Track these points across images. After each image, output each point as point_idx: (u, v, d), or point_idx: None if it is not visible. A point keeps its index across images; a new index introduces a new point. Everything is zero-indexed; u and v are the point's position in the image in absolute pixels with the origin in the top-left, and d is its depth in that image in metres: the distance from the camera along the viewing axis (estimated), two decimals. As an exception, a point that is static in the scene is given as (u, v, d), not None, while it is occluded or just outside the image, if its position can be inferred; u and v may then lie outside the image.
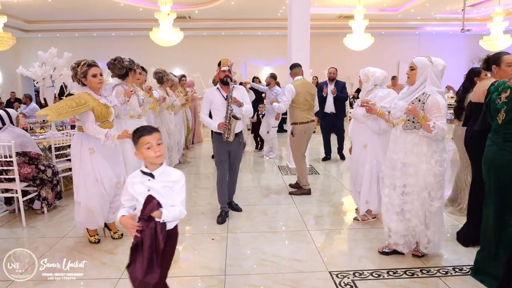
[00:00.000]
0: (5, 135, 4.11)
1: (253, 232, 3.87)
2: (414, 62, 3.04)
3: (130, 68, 4.14)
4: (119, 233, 3.72)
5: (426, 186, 2.98)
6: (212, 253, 3.42)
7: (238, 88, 4.24)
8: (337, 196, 5.12)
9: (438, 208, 3.03)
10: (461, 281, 2.85)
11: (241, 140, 4.26)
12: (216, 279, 2.95)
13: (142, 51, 15.06)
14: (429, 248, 3.14)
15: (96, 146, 3.42)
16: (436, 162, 2.96)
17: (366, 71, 3.84)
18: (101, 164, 3.46)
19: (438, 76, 2.99)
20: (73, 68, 3.46)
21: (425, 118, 2.85)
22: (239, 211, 4.42)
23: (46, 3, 11.41)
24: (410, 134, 3.01)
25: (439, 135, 2.86)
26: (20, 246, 3.65)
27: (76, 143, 3.49)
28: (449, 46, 16.95)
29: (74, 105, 3.23)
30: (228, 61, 4.12)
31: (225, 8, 12.36)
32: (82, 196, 3.48)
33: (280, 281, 2.89)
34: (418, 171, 2.98)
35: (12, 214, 4.50)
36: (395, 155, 3.10)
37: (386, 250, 3.29)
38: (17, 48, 14.19)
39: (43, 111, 3.24)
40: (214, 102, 4.11)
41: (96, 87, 3.46)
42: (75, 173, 3.52)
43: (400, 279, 2.91)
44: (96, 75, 3.43)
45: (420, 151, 2.97)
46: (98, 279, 2.97)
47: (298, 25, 6.10)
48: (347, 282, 2.86)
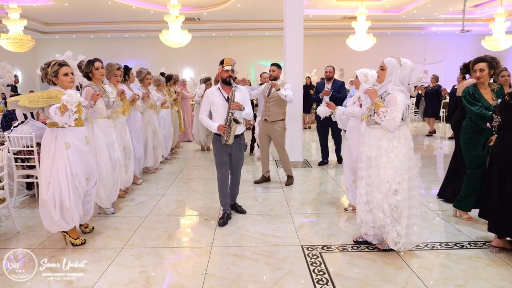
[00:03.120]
0: (27, 127, 4.71)
1: (242, 214, 4.36)
2: (384, 63, 3.24)
3: (87, 71, 4.16)
4: (90, 227, 3.84)
5: (387, 179, 3.15)
6: (203, 230, 3.94)
7: (239, 89, 4.04)
8: (323, 186, 5.59)
9: (400, 201, 3.13)
10: (421, 252, 3.30)
11: (242, 141, 4.13)
12: (203, 250, 3.46)
13: (153, 52, 15.76)
14: (399, 245, 3.20)
15: (72, 141, 3.40)
16: (396, 156, 3.14)
17: (365, 72, 3.84)
18: (77, 159, 3.43)
19: (406, 78, 3.19)
20: (43, 68, 3.48)
21: (379, 104, 3.13)
22: (243, 213, 4.34)
23: (63, 6, 12.13)
24: (374, 129, 3.26)
25: (390, 124, 3.08)
26: (40, 223, 4.18)
27: (49, 139, 3.40)
28: (455, 45, 17.14)
29: (45, 96, 3.27)
30: (232, 60, 3.95)
31: (232, 10, 12.90)
32: (56, 192, 3.36)
33: (256, 252, 3.39)
34: (379, 164, 3.19)
35: (32, 198, 5.10)
36: (362, 148, 3.37)
37: (360, 239, 3.51)
38: (36, 50, 14.93)
39: (14, 97, 3.28)
40: (214, 103, 3.98)
41: (67, 86, 3.44)
42: (46, 169, 3.38)
43: (362, 252, 3.37)
44: (67, 73, 3.44)
45: (381, 146, 3.19)
46: (104, 248, 3.51)
47: (293, 27, 6.57)
48: (314, 254, 3.34)
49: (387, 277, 2.94)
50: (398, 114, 3.10)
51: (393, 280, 2.89)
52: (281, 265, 3.15)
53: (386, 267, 3.09)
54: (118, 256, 3.34)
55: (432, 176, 6.23)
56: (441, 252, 3.37)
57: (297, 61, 6.60)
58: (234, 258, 3.30)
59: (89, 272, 3.07)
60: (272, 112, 5.41)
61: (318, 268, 3.07)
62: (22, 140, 4.61)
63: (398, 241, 3.19)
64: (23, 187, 5.18)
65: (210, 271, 3.06)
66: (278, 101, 5.37)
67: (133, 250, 3.43)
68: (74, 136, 3.44)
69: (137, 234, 3.81)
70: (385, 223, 3.21)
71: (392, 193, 3.15)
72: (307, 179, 5.99)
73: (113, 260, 3.26)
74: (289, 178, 5.65)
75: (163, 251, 3.45)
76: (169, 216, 4.35)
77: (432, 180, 5.95)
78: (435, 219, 4.16)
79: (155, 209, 4.56)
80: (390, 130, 3.16)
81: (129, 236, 3.75)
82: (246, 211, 4.36)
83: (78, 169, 3.43)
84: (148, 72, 6.04)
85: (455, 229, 3.85)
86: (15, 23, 10.56)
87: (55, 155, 3.36)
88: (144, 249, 3.47)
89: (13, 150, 4.59)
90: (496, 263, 3.13)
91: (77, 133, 3.46)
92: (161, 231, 3.91)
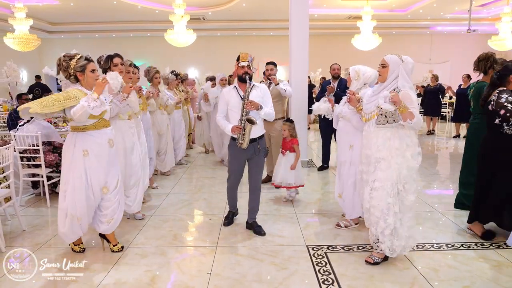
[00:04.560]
0: (33, 126, 4.74)
1: (246, 214, 4.34)
2: (386, 60, 3.08)
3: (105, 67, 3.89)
4: (119, 245, 3.43)
5: (400, 180, 2.97)
6: (208, 230, 3.94)
7: (258, 87, 3.68)
8: (328, 186, 5.57)
9: (412, 202, 3.02)
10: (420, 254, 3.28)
11: (260, 146, 3.67)
12: (208, 249, 3.46)
13: (159, 51, 15.77)
14: (397, 250, 3.03)
15: (91, 148, 3.12)
16: (412, 156, 2.99)
17: (357, 69, 3.73)
18: (94, 167, 3.15)
19: (408, 74, 3.05)
20: (64, 60, 3.13)
21: (406, 107, 2.90)
22: (262, 235, 3.72)
23: (68, 6, 12.17)
24: (383, 129, 3.03)
25: (417, 125, 2.92)
26: (45, 222, 4.24)
27: (69, 144, 3.17)
28: (461, 45, 17.01)
29: (62, 98, 2.98)
30: (248, 55, 3.63)
31: (237, 10, 12.88)
32: (69, 202, 3.15)
33: (261, 252, 3.38)
34: (391, 165, 2.98)
35: (38, 196, 5.12)
36: (368, 150, 3.12)
37: (377, 260, 3.14)
38: (41, 49, 14.98)
39: (25, 104, 2.95)
40: (230, 103, 3.64)
41: (92, 83, 3.17)
42: (63, 177, 3.20)
43: (368, 252, 3.33)
44: (95, 70, 3.20)
45: (392, 146, 2.99)
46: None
47: (298, 27, 6.54)
48: (320, 254, 3.32)
49: (393, 277, 2.92)
50: (417, 112, 2.96)
51: (399, 281, 2.87)
52: (286, 265, 3.14)
53: (391, 267, 3.07)
54: (123, 255, 3.34)
55: (435, 176, 6.20)
56: (447, 252, 3.34)
57: (303, 61, 6.58)
58: (239, 257, 3.29)
59: (95, 270, 3.07)
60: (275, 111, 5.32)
61: (323, 268, 3.06)
62: (28, 139, 4.64)
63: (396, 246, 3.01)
64: (28, 186, 5.19)
65: (215, 271, 3.05)
66: (277, 98, 5.24)
67: (138, 249, 3.44)
68: (95, 141, 3.15)
69: (142, 233, 3.81)
70: (389, 229, 2.99)
71: (405, 193, 2.99)
72: (312, 178, 5.97)
73: (118, 259, 3.26)
74: None
75: (168, 250, 3.45)
76: (174, 216, 4.35)
77: (436, 179, 5.92)
78: (441, 219, 4.13)
79: (159, 209, 4.56)
80: (416, 129, 3.02)
81: (134, 235, 3.75)
82: (265, 233, 3.75)
83: (93, 178, 3.16)
84: (157, 70, 5.77)
85: (461, 230, 3.82)
86: (21, 23, 10.60)
87: (71, 164, 3.13)
88: (149, 248, 3.47)
89: (19, 148, 4.61)
90: (503, 264, 3.10)
91: (99, 138, 3.16)
92: (166, 230, 3.91)
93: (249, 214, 3.87)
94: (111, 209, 3.32)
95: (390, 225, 2.99)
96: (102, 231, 3.36)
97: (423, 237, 3.64)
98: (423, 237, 3.64)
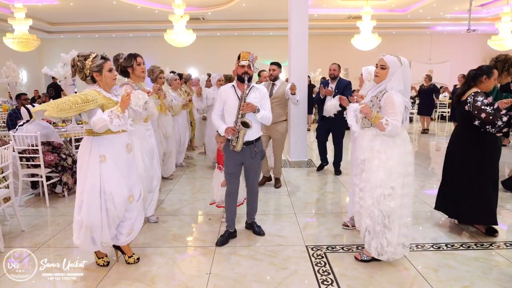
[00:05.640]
0: (32, 127, 4.73)
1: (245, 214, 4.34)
2: (386, 61, 2.95)
3: (126, 66, 3.75)
4: (135, 257, 3.22)
5: (380, 184, 2.90)
6: (207, 230, 3.93)
7: (257, 89, 3.51)
8: (328, 186, 5.56)
9: (393, 208, 2.90)
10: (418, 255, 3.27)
11: (256, 149, 3.51)
12: (207, 249, 3.46)
13: (159, 51, 15.76)
14: (385, 255, 2.99)
15: (109, 153, 2.91)
16: (388, 158, 2.90)
17: (370, 69, 3.58)
18: (112, 174, 2.92)
19: (407, 77, 2.96)
20: (79, 60, 2.91)
21: (377, 117, 2.84)
22: (261, 235, 3.71)
23: (68, 6, 12.18)
24: (368, 130, 3.02)
25: (393, 131, 2.82)
26: (44, 222, 4.23)
27: (84, 150, 2.95)
28: (461, 45, 17.05)
29: (79, 101, 2.76)
30: (250, 54, 3.43)
31: (237, 10, 12.90)
32: (84, 213, 2.90)
33: (261, 252, 3.38)
34: (371, 167, 2.95)
35: (37, 196, 5.12)
36: (356, 152, 3.13)
37: (365, 258, 3.17)
38: (41, 49, 14.99)
39: (41, 106, 2.72)
40: (227, 102, 3.49)
41: (110, 83, 3.02)
42: (79, 186, 2.97)
43: (367, 253, 3.35)
44: (112, 69, 3.01)
45: (374, 147, 2.95)
46: (108, 247, 3.51)
47: (297, 27, 6.54)
48: (319, 254, 3.32)
49: (392, 277, 2.92)
50: (397, 117, 2.85)
51: (399, 281, 2.87)
52: (286, 265, 3.14)
53: (391, 267, 3.07)
54: (122, 255, 3.33)
55: (435, 175, 6.19)
56: (446, 252, 3.34)
57: (302, 61, 6.58)
58: (239, 258, 3.29)
59: (94, 271, 3.07)
60: (274, 113, 4.99)
61: (323, 269, 3.05)
62: (27, 139, 4.64)
63: (385, 251, 2.97)
64: (28, 186, 5.19)
65: (214, 271, 3.05)
66: (281, 101, 5.19)
67: (137, 249, 3.42)
68: (112, 146, 2.94)
69: (141, 233, 3.79)
70: (372, 230, 2.99)
71: (384, 198, 2.91)
72: (311, 178, 5.96)
73: (117, 259, 3.25)
74: (278, 181, 5.49)
75: (167, 250, 3.45)
76: (174, 216, 4.35)
77: (435, 179, 5.90)
78: (441, 219, 4.12)
79: (159, 209, 4.56)
80: (394, 136, 2.91)
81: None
82: (265, 233, 3.74)
83: (113, 187, 2.91)
84: (161, 70, 5.46)
85: (460, 230, 3.82)
86: (21, 23, 10.59)
87: (87, 171, 2.90)
88: (148, 248, 3.47)
89: (18, 149, 4.61)
90: (503, 264, 3.10)
91: (116, 142, 2.96)
92: (165, 230, 3.91)
93: (248, 215, 3.84)
94: (134, 219, 3.12)
95: (369, 226, 3.00)
96: (121, 243, 3.13)
97: (423, 237, 3.64)
98: (423, 237, 3.64)
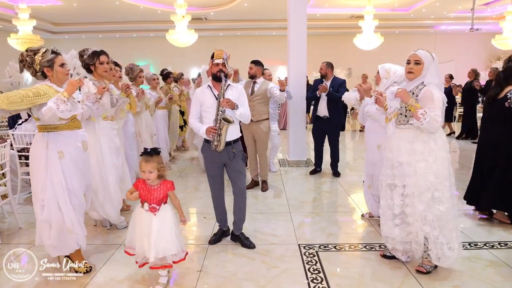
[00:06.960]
0: (30, 125, 4.79)
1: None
2: (420, 57, 2.82)
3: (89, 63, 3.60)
4: (87, 265, 3.02)
5: (428, 187, 2.79)
6: (201, 228, 3.96)
7: (234, 87, 3.46)
8: (325, 186, 5.56)
9: (443, 212, 2.79)
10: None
11: (235, 150, 3.36)
12: (200, 247, 3.48)
13: (161, 51, 15.86)
14: (442, 260, 2.84)
15: (66, 149, 2.84)
16: (435, 160, 2.78)
17: (387, 67, 3.57)
18: (72, 171, 2.86)
19: (438, 72, 2.87)
20: (28, 55, 2.78)
21: (415, 106, 2.72)
22: (251, 248, 3.42)
23: (72, 7, 12.28)
24: (404, 130, 2.88)
25: (432, 125, 2.68)
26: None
27: (38, 146, 2.82)
28: (466, 44, 16.96)
29: (30, 94, 2.66)
30: (223, 52, 3.45)
31: (239, 10, 12.93)
32: (53, 214, 2.80)
33: (253, 250, 3.39)
34: (417, 170, 2.80)
35: (36, 195, 5.16)
36: (390, 153, 2.97)
37: (388, 254, 3.17)
38: (46, 49, 15.13)
39: None
40: (204, 103, 3.38)
41: (63, 79, 2.89)
42: (39, 185, 2.82)
43: (360, 251, 3.35)
44: (64, 64, 2.88)
45: (415, 149, 2.81)
46: (102, 244, 3.54)
47: (296, 27, 6.54)
48: (311, 252, 3.32)
49: (383, 276, 2.92)
50: (438, 113, 2.70)
51: (389, 280, 2.86)
52: (277, 263, 3.14)
53: (382, 266, 3.07)
54: (116, 252, 3.36)
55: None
56: (440, 252, 3.32)
57: (301, 61, 6.58)
58: (231, 256, 3.30)
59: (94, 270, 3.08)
60: (257, 111, 5.03)
61: (313, 267, 3.06)
62: (25, 138, 4.69)
63: (447, 256, 2.82)
64: (27, 184, 5.23)
65: (206, 269, 3.06)
66: (263, 99, 5.13)
67: (131, 247, 3.45)
68: (68, 142, 2.88)
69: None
70: (432, 236, 2.81)
71: (434, 202, 2.79)
72: (309, 178, 5.95)
73: (111, 257, 3.28)
74: (265, 184, 5.32)
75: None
76: (169, 214, 4.36)
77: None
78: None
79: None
80: (432, 132, 2.77)
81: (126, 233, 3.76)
82: (255, 246, 3.45)
83: (75, 183, 2.87)
84: (141, 69, 5.47)
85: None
86: (25, 23, 10.72)
87: (47, 167, 2.79)
88: (142, 246, 3.48)
89: (17, 147, 4.66)
90: (495, 264, 3.08)
91: (72, 138, 2.91)
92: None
93: (234, 225, 3.54)
94: None
95: (429, 233, 2.81)
96: None
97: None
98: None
